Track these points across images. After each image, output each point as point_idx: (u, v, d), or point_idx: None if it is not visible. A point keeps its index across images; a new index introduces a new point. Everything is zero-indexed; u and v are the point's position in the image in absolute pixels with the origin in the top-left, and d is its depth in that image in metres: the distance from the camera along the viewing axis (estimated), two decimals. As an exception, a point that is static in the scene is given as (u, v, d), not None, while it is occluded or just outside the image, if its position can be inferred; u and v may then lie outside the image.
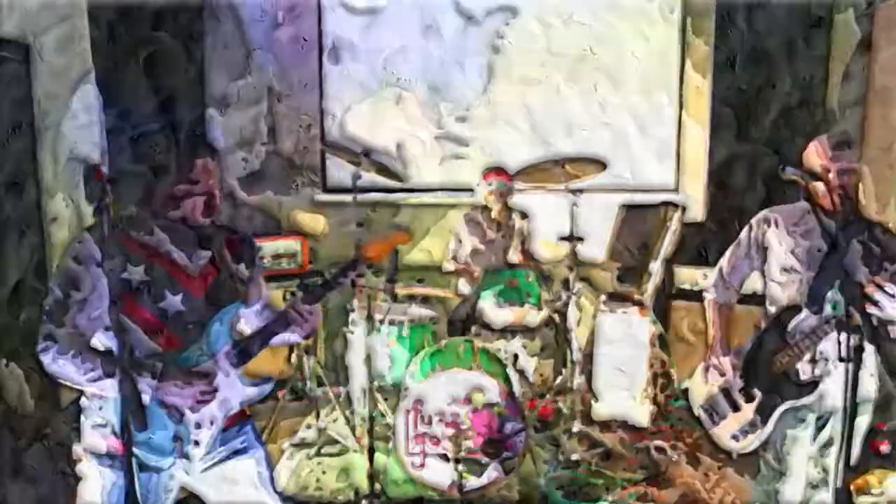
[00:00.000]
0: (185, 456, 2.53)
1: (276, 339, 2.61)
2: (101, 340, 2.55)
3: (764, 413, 2.82)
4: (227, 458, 2.58)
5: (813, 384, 2.80)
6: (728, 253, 2.87)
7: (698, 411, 2.87)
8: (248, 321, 2.62)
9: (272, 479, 2.68)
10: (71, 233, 3.06)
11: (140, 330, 2.54)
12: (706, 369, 2.87)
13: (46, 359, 2.53)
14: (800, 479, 2.84)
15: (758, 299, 2.89)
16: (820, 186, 2.77)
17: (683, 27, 3.00)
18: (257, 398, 2.58)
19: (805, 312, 2.80)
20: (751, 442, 2.84)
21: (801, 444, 2.82)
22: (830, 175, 2.71)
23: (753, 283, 2.99)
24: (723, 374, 2.87)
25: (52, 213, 3.03)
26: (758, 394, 2.83)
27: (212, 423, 2.55)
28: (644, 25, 3.00)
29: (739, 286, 2.87)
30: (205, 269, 2.58)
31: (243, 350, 2.56)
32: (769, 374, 2.84)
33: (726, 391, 2.89)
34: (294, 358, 3.33)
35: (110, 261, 2.42)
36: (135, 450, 2.44)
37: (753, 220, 2.82)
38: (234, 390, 2.55)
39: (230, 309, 2.60)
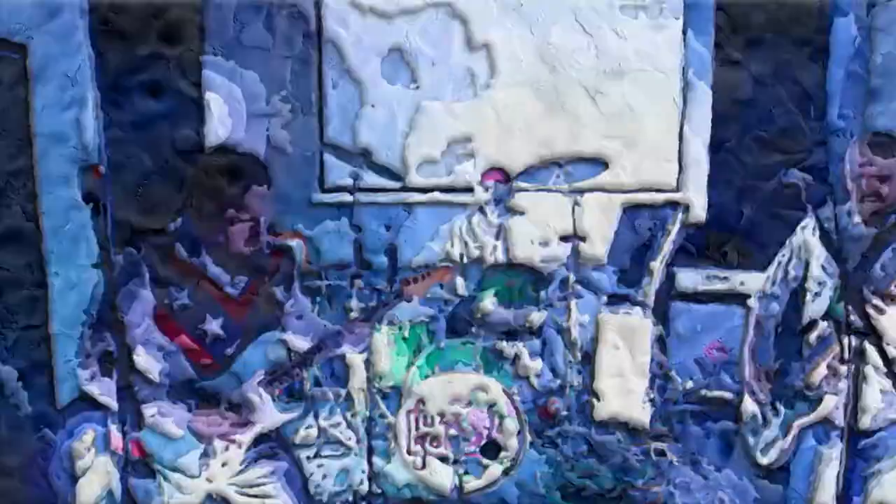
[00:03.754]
0: (211, 478, 2.54)
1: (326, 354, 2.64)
2: (143, 358, 2.57)
3: (785, 427, 2.86)
4: (254, 462, 2.60)
5: (819, 399, 2.83)
6: (774, 262, 2.87)
7: (742, 431, 2.91)
8: (298, 337, 2.62)
9: (301, 484, 2.71)
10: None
11: (178, 351, 2.55)
12: (749, 390, 2.90)
13: (84, 375, 2.53)
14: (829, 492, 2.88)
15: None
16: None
17: (685, 26, 2.97)
18: (287, 422, 2.60)
19: (824, 325, 2.83)
20: (775, 455, 2.89)
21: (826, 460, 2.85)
22: (863, 181, 2.72)
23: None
24: (760, 391, 2.91)
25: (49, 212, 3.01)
26: (781, 408, 2.87)
27: (239, 445, 2.56)
28: (645, 25, 2.97)
29: (786, 297, 2.90)
30: (246, 294, 2.58)
31: (292, 367, 2.55)
32: (789, 387, 2.86)
33: (761, 403, 2.92)
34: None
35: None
36: (159, 468, 2.46)
37: (799, 227, 2.81)
38: (265, 415, 2.56)
39: (266, 337, 2.61)
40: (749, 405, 2.98)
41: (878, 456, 2.97)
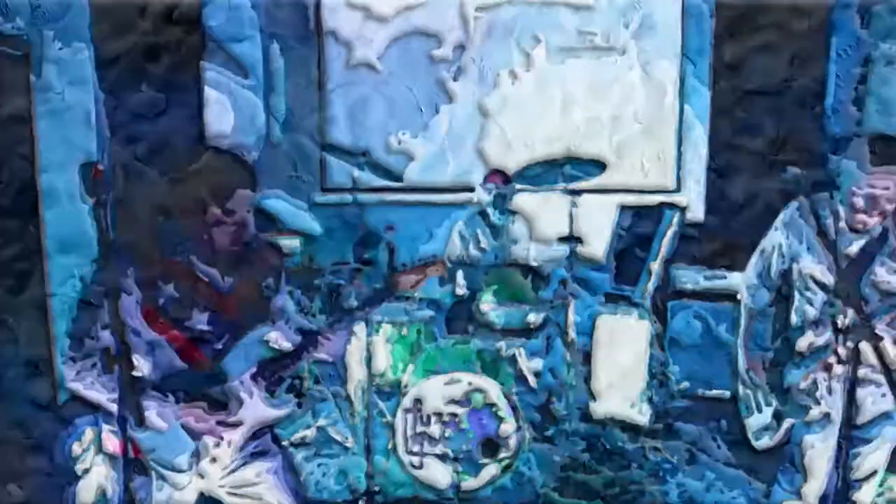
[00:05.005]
0: (203, 473, 2.55)
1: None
2: (134, 357, 2.58)
3: (779, 418, 2.91)
4: (246, 462, 2.61)
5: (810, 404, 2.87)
6: (756, 253, 2.92)
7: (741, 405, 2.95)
8: (283, 335, 2.65)
9: (292, 482, 2.72)
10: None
11: (167, 347, 2.57)
12: (742, 380, 2.94)
13: (71, 373, 2.55)
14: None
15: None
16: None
17: (683, 27, 2.98)
18: (279, 419, 2.61)
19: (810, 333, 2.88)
20: (767, 443, 2.94)
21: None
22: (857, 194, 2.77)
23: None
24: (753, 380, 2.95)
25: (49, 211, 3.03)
26: (774, 401, 2.91)
27: (230, 443, 2.57)
28: (644, 23, 2.98)
29: (775, 289, 2.94)
30: (235, 289, 2.60)
31: (275, 367, 2.57)
32: (781, 383, 2.90)
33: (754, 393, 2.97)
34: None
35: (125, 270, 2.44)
36: (153, 464, 2.47)
37: (778, 220, 2.86)
38: (256, 411, 2.58)
39: (256, 332, 2.63)
40: (743, 392, 3.01)
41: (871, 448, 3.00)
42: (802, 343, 2.92)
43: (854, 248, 2.85)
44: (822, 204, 2.89)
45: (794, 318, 2.95)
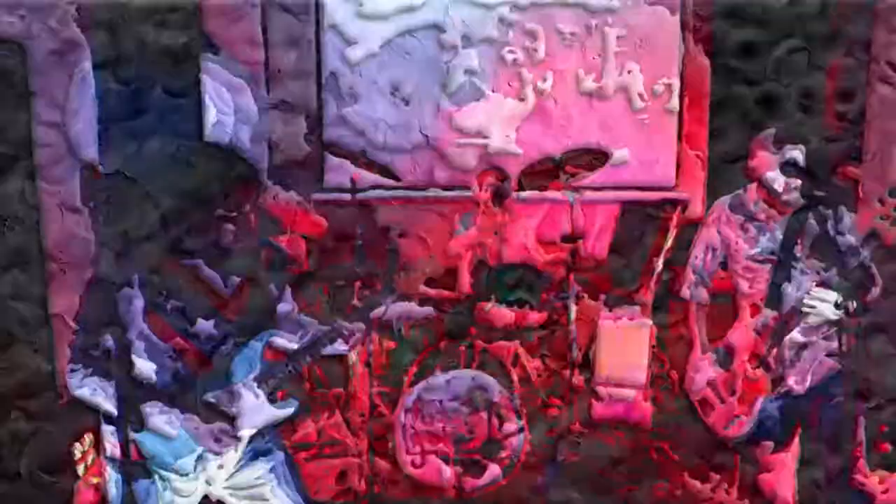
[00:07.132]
0: (209, 480, 2.56)
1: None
2: (139, 359, 2.59)
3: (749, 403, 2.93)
4: (248, 463, 2.61)
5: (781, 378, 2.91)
6: (695, 252, 2.97)
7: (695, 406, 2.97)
8: (287, 338, 2.65)
9: (294, 482, 2.73)
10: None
11: (170, 350, 2.58)
12: (693, 368, 2.98)
13: (74, 381, 2.55)
14: None
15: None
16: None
17: (683, 23, 2.98)
18: (282, 419, 2.62)
19: (768, 311, 2.93)
20: (741, 431, 2.96)
21: None
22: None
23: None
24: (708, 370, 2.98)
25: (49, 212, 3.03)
26: (739, 387, 2.94)
27: (236, 448, 2.57)
28: (644, 19, 2.98)
29: (711, 282, 2.99)
30: (238, 292, 2.61)
31: (278, 369, 2.57)
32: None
33: (713, 385, 2.99)
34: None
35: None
36: (157, 469, 2.47)
37: (710, 218, 2.93)
38: (260, 413, 2.58)
39: (260, 337, 2.63)
40: (698, 386, 3.00)
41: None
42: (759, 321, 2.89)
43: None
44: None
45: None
